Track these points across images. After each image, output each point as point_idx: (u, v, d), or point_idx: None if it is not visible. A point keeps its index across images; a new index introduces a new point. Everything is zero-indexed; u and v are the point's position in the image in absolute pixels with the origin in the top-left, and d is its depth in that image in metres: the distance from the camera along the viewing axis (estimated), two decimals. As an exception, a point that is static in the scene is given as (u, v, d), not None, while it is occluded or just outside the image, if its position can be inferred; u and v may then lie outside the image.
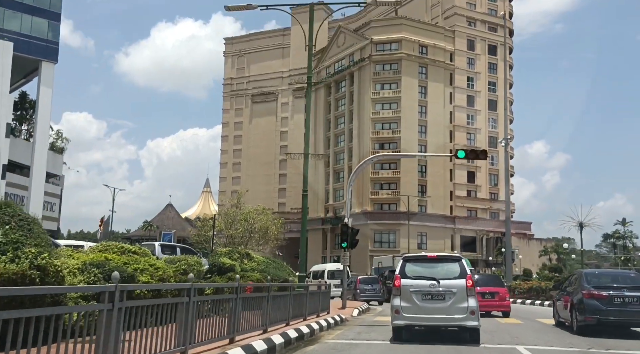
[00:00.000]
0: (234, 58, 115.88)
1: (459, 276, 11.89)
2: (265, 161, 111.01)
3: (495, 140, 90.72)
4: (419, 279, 11.94)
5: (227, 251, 19.86)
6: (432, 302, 11.72)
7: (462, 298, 11.62)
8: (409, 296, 11.80)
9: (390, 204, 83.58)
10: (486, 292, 19.99)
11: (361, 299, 29.48)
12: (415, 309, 11.76)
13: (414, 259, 12.81)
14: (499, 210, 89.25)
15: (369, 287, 29.96)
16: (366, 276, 31.78)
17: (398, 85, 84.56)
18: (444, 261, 12.60)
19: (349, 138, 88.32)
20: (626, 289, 14.22)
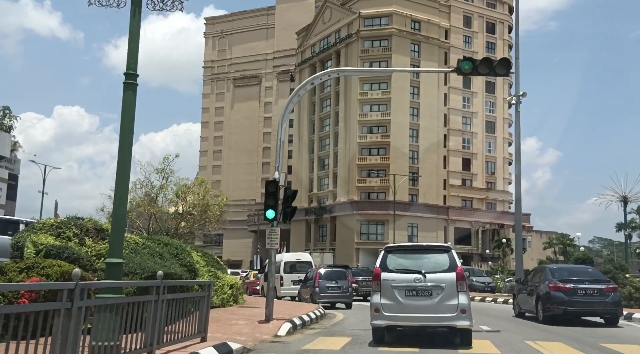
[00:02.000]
0: (215, 39, 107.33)
1: (449, 269, 10.41)
2: (247, 149, 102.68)
3: (493, 125, 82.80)
4: (402, 273, 10.45)
5: (58, 223, 11.73)
6: (417, 299, 10.21)
7: (452, 294, 10.15)
8: (390, 292, 10.31)
9: (378, 193, 75.51)
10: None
11: (322, 301, 21.62)
12: (398, 307, 10.23)
13: (397, 250, 11.30)
14: (496, 200, 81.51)
15: (332, 284, 21.91)
16: (329, 269, 23.67)
17: (388, 64, 76.23)
18: (432, 252, 11.09)
19: (335, 122, 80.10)
20: (587, 282, 15.88)
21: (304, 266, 25.62)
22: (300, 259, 27.32)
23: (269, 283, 13.23)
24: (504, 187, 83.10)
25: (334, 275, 22.35)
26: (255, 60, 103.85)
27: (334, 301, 21.88)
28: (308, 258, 27.37)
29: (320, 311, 16.89)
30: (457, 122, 79.59)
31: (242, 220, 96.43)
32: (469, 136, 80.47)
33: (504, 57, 12.58)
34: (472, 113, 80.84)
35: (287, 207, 13.72)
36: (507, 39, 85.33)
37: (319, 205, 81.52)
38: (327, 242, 79.64)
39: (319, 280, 21.83)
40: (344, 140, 77.38)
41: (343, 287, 21.80)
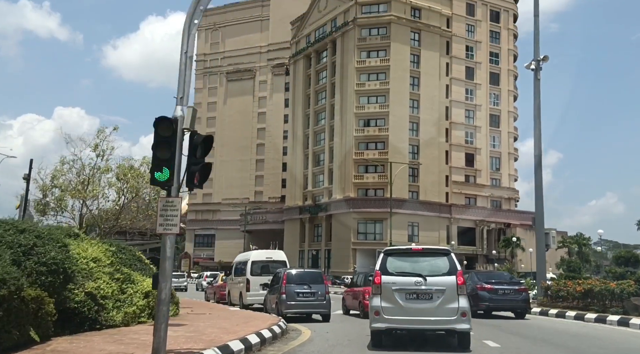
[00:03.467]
0: (208, 32, 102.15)
1: (448, 273, 10.24)
2: (241, 145, 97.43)
3: (497, 118, 77.51)
4: (402, 276, 10.27)
5: None
6: (418, 302, 10.06)
7: (452, 298, 10.01)
8: (390, 295, 10.11)
9: (376, 189, 70.18)
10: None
11: (290, 312, 16.58)
12: (399, 310, 10.04)
13: (396, 253, 10.97)
14: (502, 198, 76.27)
15: (304, 289, 16.60)
16: (300, 270, 18.40)
17: (387, 53, 71.20)
18: (431, 255, 10.81)
19: (330, 115, 74.87)
20: (505, 283, 19.56)
21: (277, 267, 20.53)
22: (272, 257, 22.05)
23: (160, 289, 7.86)
24: (509, 184, 77.81)
25: (307, 277, 17.02)
26: (249, 54, 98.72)
27: (306, 312, 16.67)
28: (282, 257, 22.15)
29: (277, 327, 11.76)
30: (460, 115, 74.36)
31: (235, 219, 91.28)
32: (472, 130, 75.22)
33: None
34: (475, 106, 75.59)
35: (195, 164, 8.46)
36: (512, 28, 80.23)
37: (314, 203, 76.30)
38: (322, 242, 74.44)
39: (287, 284, 16.54)
40: (340, 134, 72.17)
41: (318, 293, 16.46)
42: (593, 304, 19.15)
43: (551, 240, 23.84)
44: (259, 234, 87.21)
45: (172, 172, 7.99)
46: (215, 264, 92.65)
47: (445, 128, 73.15)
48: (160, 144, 8.01)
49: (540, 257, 23.67)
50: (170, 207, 8.11)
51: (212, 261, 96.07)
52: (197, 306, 20.31)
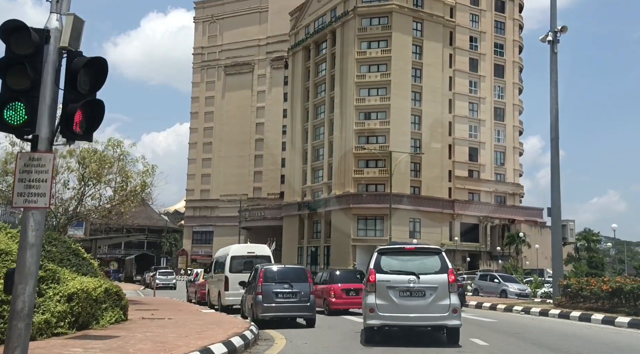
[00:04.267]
0: (205, 24, 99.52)
1: (440, 271, 10.59)
2: (239, 141, 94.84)
3: (502, 111, 74.78)
4: (396, 274, 10.55)
5: None
6: (411, 299, 10.35)
7: (444, 295, 10.37)
8: (385, 293, 10.38)
9: (377, 185, 67.53)
10: (350, 289, 18.31)
11: (266, 315, 14.00)
12: (393, 307, 10.33)
13: (390, 252, 11.19)
14: (506, 194, 73.60)
15: (284, 289, 14.02)
16: (281, 266, 15.54)
17: (388, 43, 68.46)
18: (423, 254, 11.17)
19: (330, 108, 72.18)
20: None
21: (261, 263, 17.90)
22: (255, 252, 19.39)
23: (15, 294, 5.16)
24: (514, 180, 75.06)
25: (289, 275, 14.41)
26: (248, 46, 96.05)
27: (286, 316, 14.10)
28: (265, 252, 19.54)
29: (240, 339, 9.19)
30: (464, 108, 71.60)
31: (233, 216, 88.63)
32: (476, 124, 72.47)
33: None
34: (479, 99, 72.83)
35: (74, 100, 5.65)
36: (517, 18, 77.47)
37: (313, 199, 73.66)
38: (321, 239, 71.81)
39: (264, 283, 13.98)
40: (340, 127, 69.50)
41: (301, 293, 13.90)
42: (622, 306, 16.50)
43: (569, 233, 21.11)
44: (258, 231, 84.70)
45: (35, 111, 5.21)
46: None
47: (448, 121, 70.43)
48: (12, 67, 5.22)
49: (557, 253, 21.04)
50: (36, 167, 5.35)
51: (210, 258, 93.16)
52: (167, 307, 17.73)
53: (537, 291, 35.79)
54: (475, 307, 22.73)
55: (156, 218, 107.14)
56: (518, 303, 22.40)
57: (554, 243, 21.12)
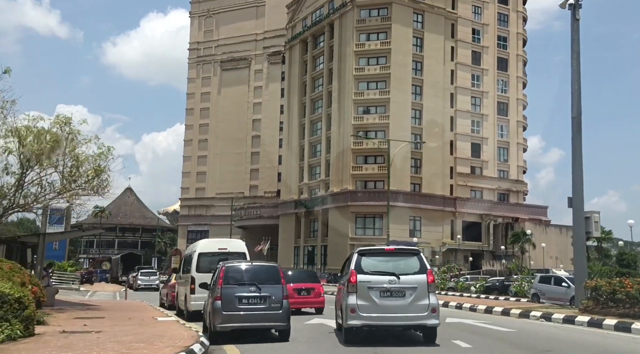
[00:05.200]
0: (201, 19, 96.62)
1: (419, 271, 10.77)
2: (235, 138, 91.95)
3: (505, 106, 71.88)
4: (377, 275, 10.69)
5: None
6: (392, 299, 10.50)
7: (423, 295, 10.56)
8: (366, 294, 10.48)
9: (376, 182, 64.61)
10: (302, 288, 18.46)
11: (226, 326, 11.02)
12: (374, 307, 10.44)
13: (370, 253, 11.35)
14: (509, 191, 70.73)
15: (250, 293, 11.09)
16: (247, 263, 11.95)
17: (387, 35, 65.62)
18: (403, 255, 11.34)
19: (328, 102, 69.29)
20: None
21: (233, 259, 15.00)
22: (227, 248, 16.44)
23: None
24: (518, 177, 72.13)
25: (257, 275, 11.38)
26: (244, 41, 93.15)
27: (252, 326, 11.12)
28: (239, 247, 16.62)
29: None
30: (466, 103, 68.72)
31: (229, 215, 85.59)
32: (479, 119, 69.58)
33: None
34: (482, 93, 69.93)
35: None
36: (521, 10, 74.61)
37: (310, 196, 70.77)
38: (318, 238, 68.94)
39: (224, 285, 11.00)
40: (338, 122, 66.62)
41: (272, 298, 11.02)
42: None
43: (593, 226, 18.13)
44: (254, 230, 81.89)
45: None
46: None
47: (450, 116, 67.53)
48: None
49: (579, 249, 18.12)
50: None
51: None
52: (117, 315, 14.82)
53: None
54: (485, 311, 19.81)
55: (151, 217, 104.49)
56: (534, 307, 19.47)
57: (577, 238, 18.20)
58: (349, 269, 11.09)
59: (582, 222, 17.89)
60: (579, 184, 18.01)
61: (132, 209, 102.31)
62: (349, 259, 11.73)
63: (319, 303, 18.79)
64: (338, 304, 12.10)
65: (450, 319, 16.87)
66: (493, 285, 40.81)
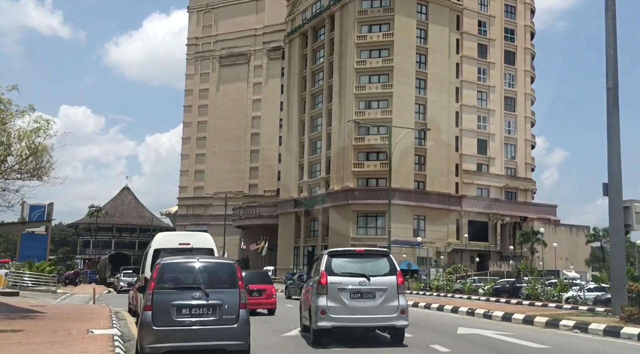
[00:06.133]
0: (200, 14, 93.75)
1: (389, 273, 10.75)
2: (234, 135, 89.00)
3: (513, 101, 68.74)
4: (347, 276, 10.58)
5: None
6: (362, 301, 10.42)
7: (393, 296, 10.52)
8: (336, 295, 10.35)
9: (378, 179, 61.67)
10: (253, 289, 17.88)
11: (160, 346, 7.83)
12: (344, 309, 10.33)
13: (340, 254, 11.29)
14: (517, 189, 67.63)
15: (194, 300, 7.95)
16: (189, 260, 8.52)
17: (390, 27, 62.67)
18: (373, 257, 11.38)
19: (328, 97, 66.31)
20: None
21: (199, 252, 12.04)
22: (191, 243, 13.38)
23: None
24: (526, 174, 68.99)
25: (204, 275, 8.36)
26: (244, 37, 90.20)
27: (195, 347, 7.96)
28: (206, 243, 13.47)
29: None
30: (472, 97, 65.62)
31: (227, 215, 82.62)
32: (486, 114, 66.48)
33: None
34: (488, 87, 66.82)
35: None
36: (528, 2, 71.62)
37: (310, 195, 67.75)
38: (319, 238, 65.93)
39: (157, 290, 8.03)
40: (339, 117, 63.63)
41: (224, 307, 8.02)
42: None
43: (633, 217, 15.03)
44: (253, 230, 79.02)
45: None
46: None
47: (455, 111, 64.45)
48: None
49: (617, 244, 15.06)
50: None
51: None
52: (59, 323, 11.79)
53: (561, 295, 29.81)
54: (503, 319, 16.73)
55: (149, 217, 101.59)
56: (563, 315, 16.37)
57: (613, 231, 15.16)
58: (318, 270, 10.84)
59: (620, 213, 14.86)
60: (616, 167, 14.98)
61: (129, 209, 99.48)
62: (318, 260, 11.55)
63: (271, 304, 18.80)
64: (305, 306, 11.72)
65: (463, 329, 13.82)
66: (503, 287, 37.95)
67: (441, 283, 42.39)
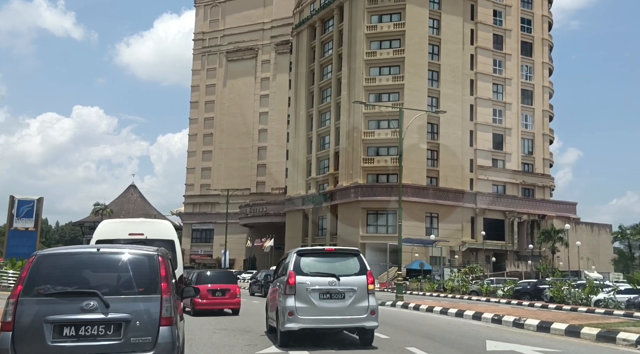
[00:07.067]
0: (207, 8, 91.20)
1: (359, 272, 10.30)
2: (241, 132, 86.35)
3: (530, 94, 65.40)
4: (316, 276, 10.08)
5: None
6: (331, 301, 9.98)
7: (363, 297, 10.11)
8: (305, 296, 9.90)
9: (389, 175, 58.59)
10: (217, 289, 18.13)
11: None
12: (313, 310, 9.87)
13: (309, 253, 10.81)
14: (535, 186, 64.28)
15: (81, 316, 4.88)
16: (73, 251, 5.54)
17: (401, 16, 59.62)
18: (343, 256, 10.89)
19: (337, 90, 63.36)
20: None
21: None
22: (145, 234, 10.64)
23: None
24: (544, 170, 65.56)
25: (103, 275, 5.35)
26: (251, 31, 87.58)
27: None
28: (165, 233, 10.57)
29: None
30: (487, 90, 62.37)
31: (235, 213, 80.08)
32: (501, 107, 63.19)
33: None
34: (504, 79, 63.52)
35: None
36: (547, -9, 67.98)
37: (318, 192, 64.79)
38: (327, 236, 62.96)
39: (22, 297, 5.00)
40: (347, 111, 60.65)
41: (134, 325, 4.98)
42: None
43: None
44: (260, 228, 76.34)
45: None
46: (213, 262, 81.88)
47: (469, 104, 61.24)
48: None
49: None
50: None
51: (210, 258, 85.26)
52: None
53: (590, 298, 26.74)
54: (538, 329, 13.65)
55: (155, 215, 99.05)
56: (615, 325, 13.26)
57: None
58: (287, 269, 10.36)
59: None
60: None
61: (135, 207, 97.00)
62: (285, 260, 11.15)
63: (235, 304, 18.43)
64: (272, 307, 11.32)
65: (492, 344, 10.83)
66: (524, 288, 35.02)
67: (456, 284, 39.52)
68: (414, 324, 15.03)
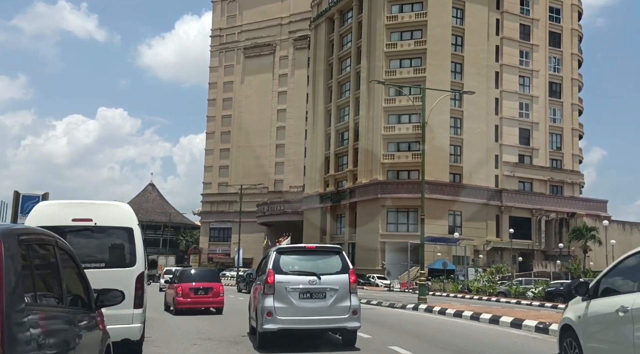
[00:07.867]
0: (224, 4, 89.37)
1: (341, 271, 9.79)
2: (259, 129, 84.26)
3: (559, 87, 62.10)
4: (296, 275, 9.64)
5: None
6: (312, 301, 9.50)
7: (345, 296, 9.61)
8: (284, 295, 9.43)
9: (410, 172, 55.93)
10: (200, 288, 17.88)
11: None
12: (293, 310, 9.41)
13: (290, 251, 10.56)
14: (563, 183, 60.98)
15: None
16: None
17: (423, 6, 56.94)
18: (324, 254, 10.54)
19: (356, 84, 60.85)
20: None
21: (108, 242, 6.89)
22: (94, 220, 7.83)
23: None
24: (573, 167, 62.28)
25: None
26: (269, 26, 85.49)
27: None
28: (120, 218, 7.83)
29: None
30: (513, 83, 59.32)
31: (253, 211, 78.07)
32: (528, 101, 60.08)
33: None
34: (531, 72, 60.41)
35: None
36: (575, -21, 64.61)
37: (337, 189, 62.28)
38: (346, 235, 60.52)
39: None
40: (367, 106, 58.13)
41: None
42: None
43: None
44: (278, 227, 74.15)
45: None
46: (230, 261, 79.92)
47: (494, 98, 58.26)
48: None
49: None
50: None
51: (228, 257, 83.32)
52: None
53: None
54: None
55: (173, 213, 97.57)
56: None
57: None
58: (266, 268, 9.86)
59: None
60: None
61: (154, 206, 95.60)
62: (267, 258, 10.53)
63: (217, 302, 18.01)
64: (253, 306, 10.84)
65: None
66: (557, 289, 32.32)
67: (482, 285, 36.81)
68: (441, 335, 12.45)
